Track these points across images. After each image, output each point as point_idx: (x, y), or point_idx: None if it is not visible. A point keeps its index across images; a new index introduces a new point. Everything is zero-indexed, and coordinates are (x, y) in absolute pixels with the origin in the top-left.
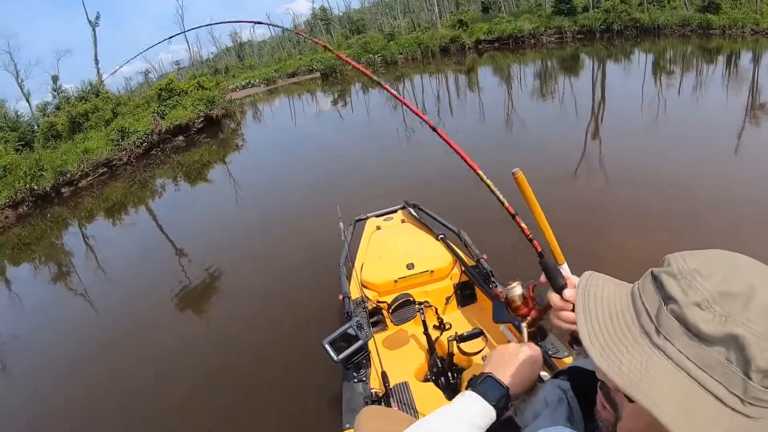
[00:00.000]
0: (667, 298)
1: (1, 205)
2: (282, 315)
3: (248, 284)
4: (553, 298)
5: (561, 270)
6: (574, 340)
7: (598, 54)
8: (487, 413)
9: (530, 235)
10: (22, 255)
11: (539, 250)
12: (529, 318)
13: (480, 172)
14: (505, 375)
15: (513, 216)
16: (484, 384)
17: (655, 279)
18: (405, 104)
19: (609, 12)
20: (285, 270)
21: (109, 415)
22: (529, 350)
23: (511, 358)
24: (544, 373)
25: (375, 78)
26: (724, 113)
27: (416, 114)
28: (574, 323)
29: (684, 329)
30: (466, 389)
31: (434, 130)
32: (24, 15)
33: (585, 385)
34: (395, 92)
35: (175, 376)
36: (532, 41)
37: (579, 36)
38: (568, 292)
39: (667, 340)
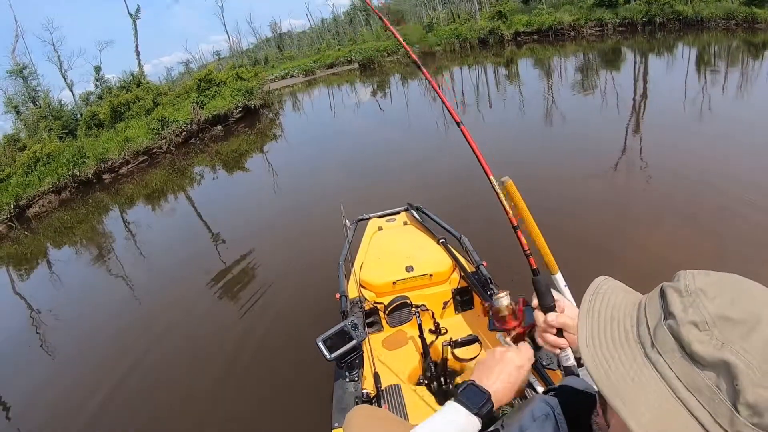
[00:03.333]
0: (667, 313)
1: (45, 190)
2: (285, 311)
3: (260, 276)
4: (539, 317)
5: (555, 280)
6: (559, 364)
7: (639, 47)
8: (470, 422)
9: (528, 251)
10: (64, 237)
11: (534, 266)
12: (513, 333)
13: (492, 179)
14: (489, 381)
15: (515, 228)
16: (464, 393)
17: (662, 293)
18: (439, 95)
19: (651, 4)
20: (294, 266)
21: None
22: (514, 354)
23: (495, 364)
24: (539, 387)
25: (419, 63)
26: None
27: (446, 106)
28: (556, 347)
29: (678, 346)
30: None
31: (459, 125)
32: (68, 7)
33: (574, 403)
34: (434, 82)
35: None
36: (572, 34)
37: (620, 29)
38: (551, 316)
39: (660, 354)
